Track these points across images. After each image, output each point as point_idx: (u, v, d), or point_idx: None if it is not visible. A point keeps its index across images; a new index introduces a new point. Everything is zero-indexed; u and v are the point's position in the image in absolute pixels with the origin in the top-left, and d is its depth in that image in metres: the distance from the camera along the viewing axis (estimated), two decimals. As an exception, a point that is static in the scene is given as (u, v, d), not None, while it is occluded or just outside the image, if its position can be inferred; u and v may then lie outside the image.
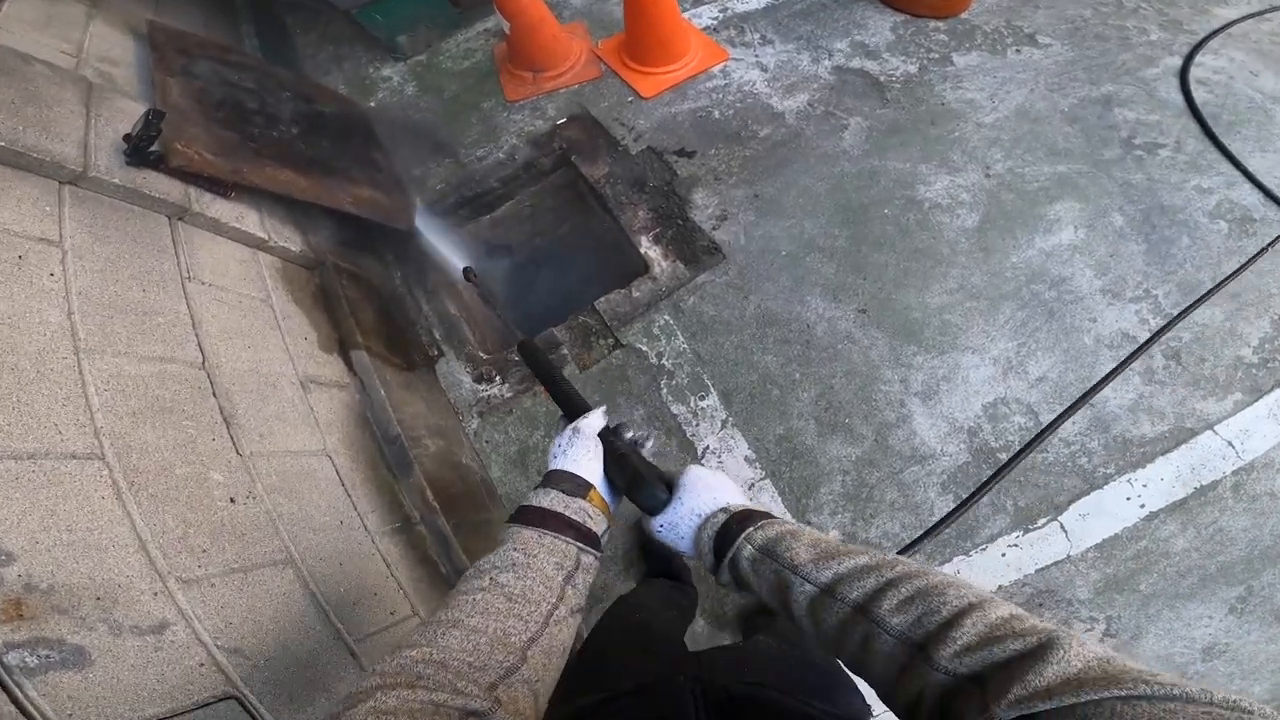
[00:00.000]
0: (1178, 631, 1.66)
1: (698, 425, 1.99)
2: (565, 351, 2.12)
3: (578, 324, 2.17)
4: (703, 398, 2.01)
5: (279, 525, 1.23)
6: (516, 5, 2.41)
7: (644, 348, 2.09)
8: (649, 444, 0.80)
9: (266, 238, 1.72)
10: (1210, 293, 1.99)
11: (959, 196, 2.22)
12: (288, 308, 1.67)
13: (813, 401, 1.95)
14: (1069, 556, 1.72)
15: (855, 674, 0.55)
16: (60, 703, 0.78)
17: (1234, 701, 0.33)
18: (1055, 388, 1.88)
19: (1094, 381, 1.87)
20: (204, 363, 1.29)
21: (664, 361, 2.07)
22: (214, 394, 1.26)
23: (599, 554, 0.67)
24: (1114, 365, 1.89)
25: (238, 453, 1.24)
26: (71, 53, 1.69)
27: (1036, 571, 1.72)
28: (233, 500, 1.17)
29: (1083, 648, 0.40)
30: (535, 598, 0.58)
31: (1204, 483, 1.75)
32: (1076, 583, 1.71)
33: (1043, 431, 1.81)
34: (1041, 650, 0.40)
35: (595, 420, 0.77)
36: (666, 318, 2.12)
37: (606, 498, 0.72)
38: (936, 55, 2.60)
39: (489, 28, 2.96)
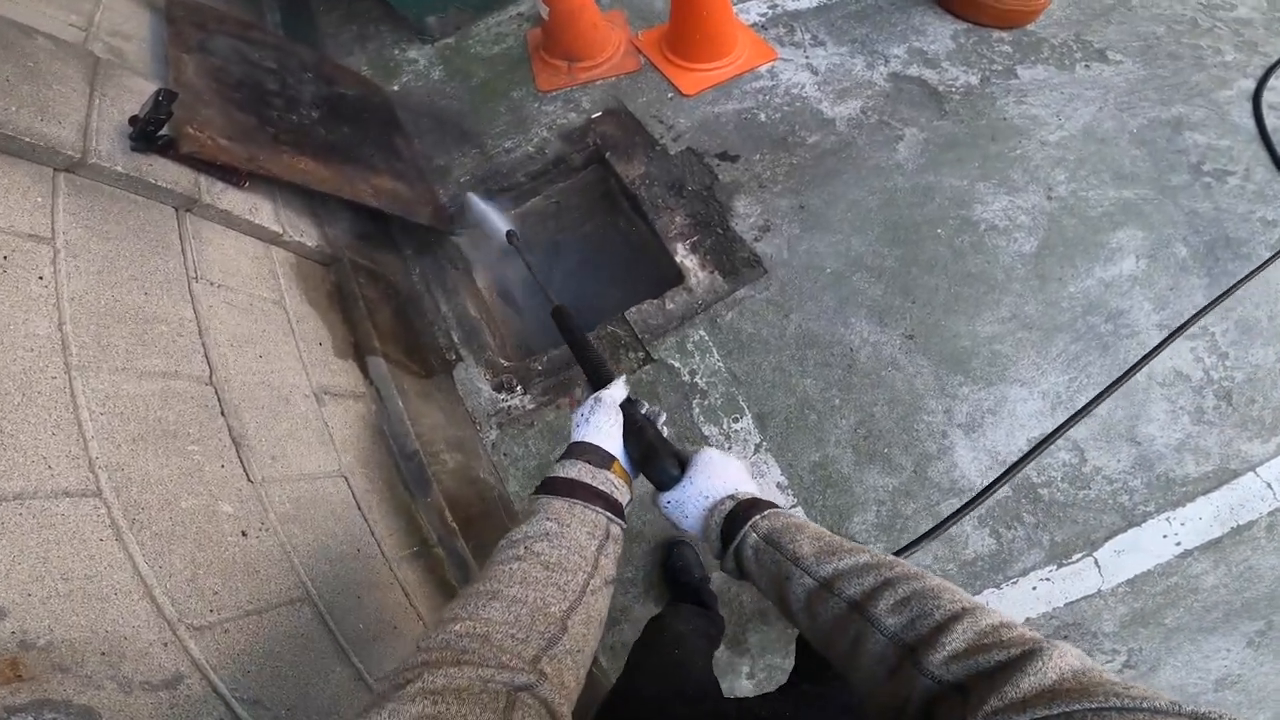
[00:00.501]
0: (1195, 663, 1.69)
1: (729, 447, 1.92)
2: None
3: (606, 334, 2.08)
4: (736, 420, 1.94)
5: (294, 559, 1.15)
6: (555, -10, 2.29)
7: (676, 364, 2.00)
8: (661, 418, 0.82)
9: (281, 231, 1.62)
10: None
11: (1017, 219, 2.13)
12: (302, 309, 1.57)
13: (851, 429, 1.89)
14: (1099, 591, 1.73)
15: (844, 672, 0.55)
16: None
17: (1204, 714, 0.34)
18: (1104, 425, 1.84)
19: (1139, 420, 1.86)
20: (211, 376, 1.18)
21: (697, 379, 1.99)
22: (222, 412, 1.16)
23: (625, 525, 0.68)
24: (1166, 406, 1.87)
25: (249, 479, 1.15)
26: (81, 26, 1.57)
27: (1066, 605, 1.73)
28: (244, 534, 1.08)
29: (1061, 659, 0.40)
30: (571, 566, 0.58)
31: (1240, 523, 1.76)
32: (1104, 616, 1.72)
33: (1036, 447, 1.70)
34: (1021, 661, 0.41)
35: (617, 391, 0.79)
36: (702, 333, 2.03)
37: (627, 470, 0.74)
38: (1000, 67, 2.50)
39: (523, 11, 2.85)
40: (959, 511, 1.54)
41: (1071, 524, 1.76)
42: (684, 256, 2.13)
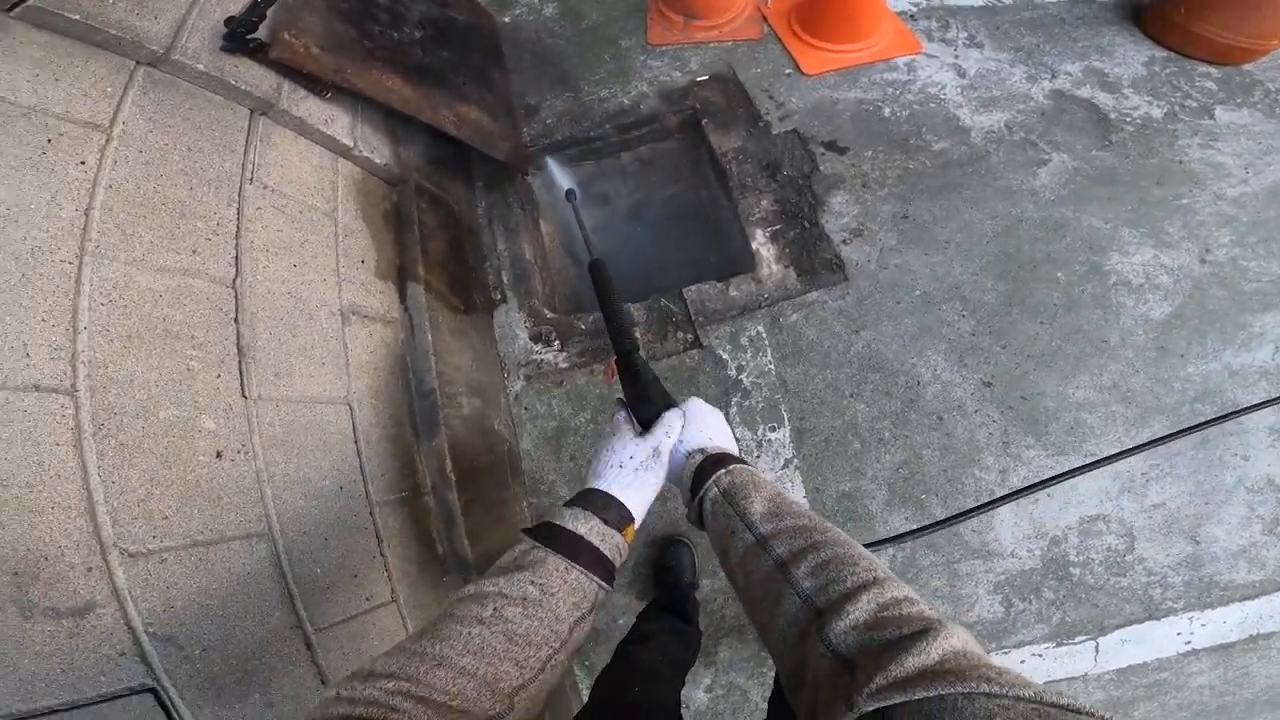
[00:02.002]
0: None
1: (758, 457, 1.89)
2: (637, 334, 2.02)
3: (659, 307, 2.06)
4: (773, 429, 1.90)
5: (266, 489, 1.14)
6: (691, -63, 2.23)
7: (725, 355, 1.97)
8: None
9: (353, 145, 1.68)
10: None
11: (1157, 278, 1.93)
12: (353, 224, 1.63)
13: (893, 467, 1.82)
14: (1085, 675, 1.73)
15: (763, 636, 0.57)
16: None
17: (1067, 703, 0.37)
18: (1167, 518, 1.77)
19: (1208, 520, 1.80)
20: (235, 279, 1.22)
21: (743, 377, 1.95)
22: (235, 319, 1.19)
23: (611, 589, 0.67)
24: (1243, 512, 1.79)
25: (243, 394, 1.15)
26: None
27: (1045, 682, 1.65)
28: (219, 455, 1.07)
29: (947, 640, 0.43)
30: (539, 640, 0.56)
31: (1261, 631, 1.74)
32: (1078, 699, 1.61)
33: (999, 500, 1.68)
34: (910, 640, 0.43)
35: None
36: (760, 329, 1.98)
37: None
38: (1195, 104, 2.24)
39: (649, -43, 2.78)
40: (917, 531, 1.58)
41: (1090, 607, 1.73)
42: (761, 244, 2.07)
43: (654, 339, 2.02)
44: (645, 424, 0.77)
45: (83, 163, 1.03)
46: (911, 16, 2.51)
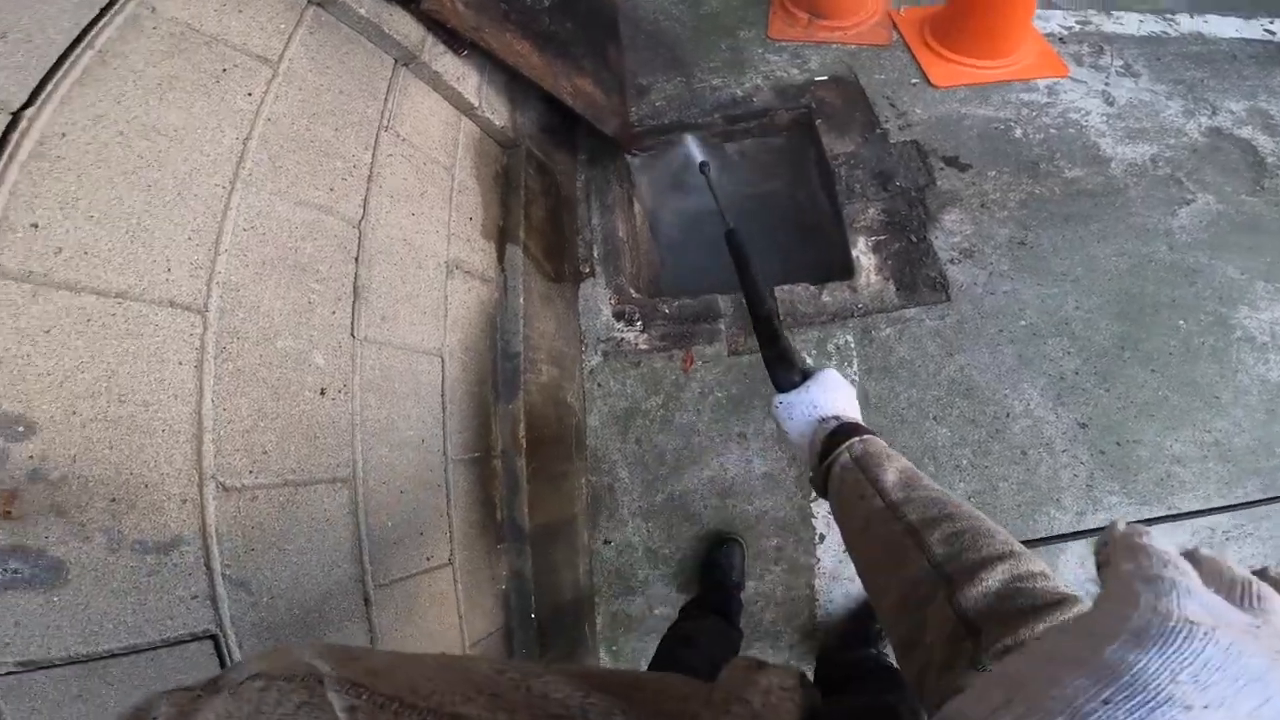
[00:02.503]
0: None
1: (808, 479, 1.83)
2: (721, 326, 2.00)
3: (746, 301, 2.00)
4: None
5: (358, 433, 1.14)
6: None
7: (809, 359, 1.89)
8: None
9: (477, 105, 1.72)
10: None
11: None
12: (467, 181, 1.68)
13: (966, 494, 1.77)
14: None
15: (876, 599, 0.58)
16: (1, 629, 0.69)
17: None
18: None
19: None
20: (361, 220, 1.27)
21: (823, 384, 1.87)
22: (356, 258, 1.22)
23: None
24: None
25: (352, 334, 1.17)
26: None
27: None
28: (322, 392, 1.08)
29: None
30: None
31: None
32: None
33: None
34: (1045, 608, 0.43)
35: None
36: (849, 339, 1.93)
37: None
38: (1362, 158, 2.03)
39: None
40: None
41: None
42: (862, 253, 2.00)
43: (739, 333, 2.00)
44: (780, 386, 0.80)
45: (249, 94, 1.08)
46: (1061, 40, 2.40)
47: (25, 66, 0.79)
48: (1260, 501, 1.66)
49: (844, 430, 0.70)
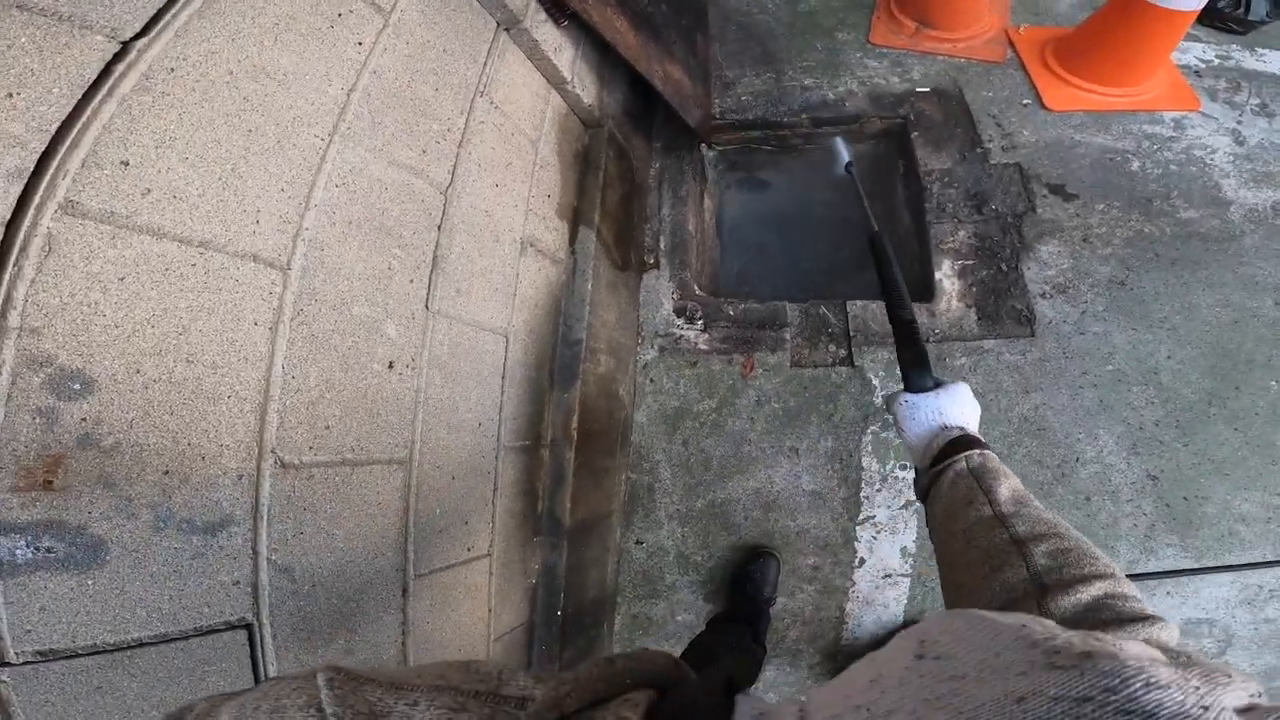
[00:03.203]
0: None
1: (878, 490, 1.78)
2: (787, 335, 1.90)
3: (816, 314, 1.91)
4: (904, 467, 1.78)
5: (419, 412, 1.08)
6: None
7: (874, 380, 1.82)
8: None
9: (568, 79, 1.63)
10: None
11: None
12: (550, 157, 1.59)
13: None
14: None
15: (958, 593, 0.59)
16: (24, 613, 0.61)
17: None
18: (1273, 633, 1.67)
19: None
20: (449, 186, 1.18)
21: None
22: (439, 226, 1.14)
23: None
24: None
25: (426, 306, 1.10)
26: None
27: None
28: (391, 365, 1.01)
29: (1164, 631, 0.43)
30: None
31: None
32: None
33: None
34: (1129, 622, 0.44)
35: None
36: (920, 364, 1.78)
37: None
38: None
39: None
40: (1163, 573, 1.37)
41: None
42: (946, 276, 1.87)
43: (803, 344, 1.88)
44: (911, 386, 0.81)
45: (360, 43, 1.00)
46: (1197, 73, 2.21)
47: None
48: None
49: (965, 441, 0.71)
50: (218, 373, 0.75)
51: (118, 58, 0.67)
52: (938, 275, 1.86)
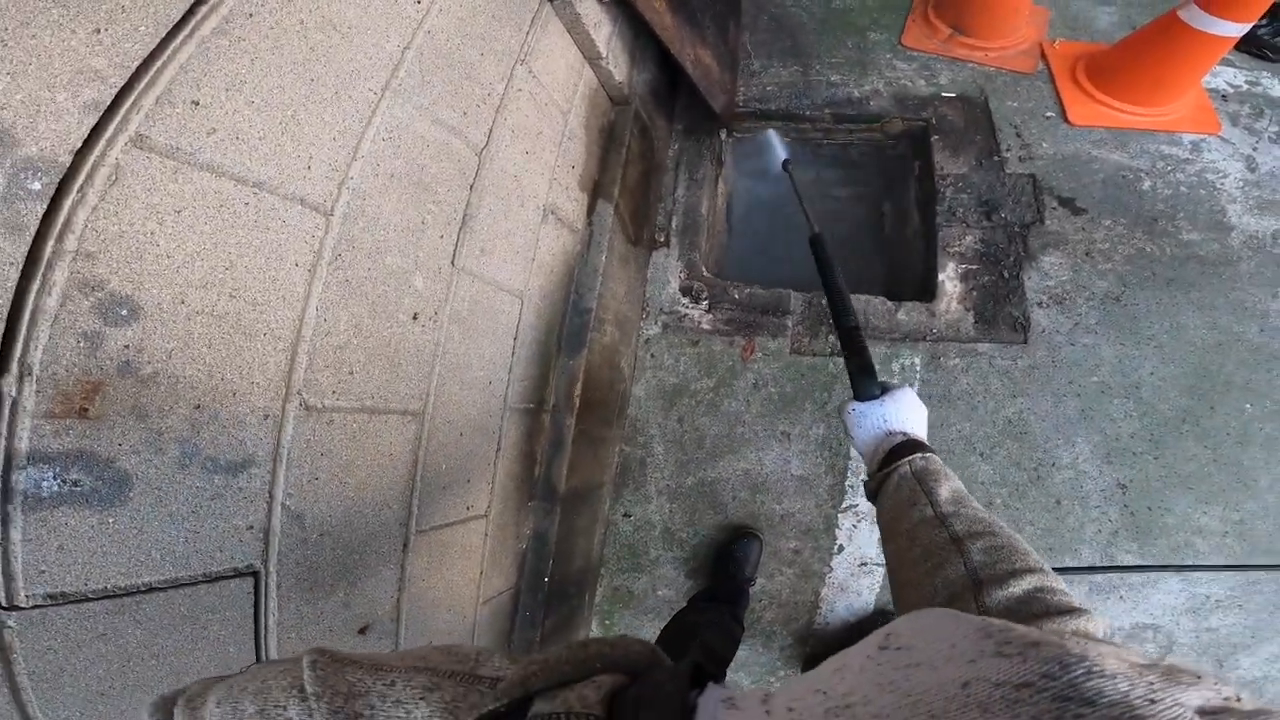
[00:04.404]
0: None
1: (862, 480, 1.76)
2: (789, 323, 1.92)
3: (818, 304, 1.95)
4: None
5: (436, 365, 1.08)
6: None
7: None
8: None
9: (603, 55, 1.62)
10: None
11: None
12: (577, 130, 1.59)
13: None
14: None
15: (902, 589, 0.62)
16: (41, 552, 0.60)
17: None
18: (1212, 641, 1.73)
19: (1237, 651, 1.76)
20: (484, 149, 1.19)
21: (880, 401, 1.79)
22: (471, 185, 1.15)
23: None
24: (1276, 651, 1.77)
25: (452, 262, 1.11)
26: None
27: None
28: (415, 317, 1.02)
29: (1089, 623, 0.44)
30: None
31: None
32: None
33: None
34: (1057, 614, 0.45)
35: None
36: (915, 361, 1.84)
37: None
38: None
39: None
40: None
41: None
42: (949, 278, 1.89)
43: (805, 333, 1.91)
44: (858, 394, 0.82)
45: (419, 3, 1.00)
46: (1223, 96, 2.22)
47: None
48: (1244, 567, 1.70)
49: (909, 445, 0.73)
50: (257, 309, 0.75)
51: (200, 2, 0.67)
52: (941, 276, 1.88)
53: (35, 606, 0.60)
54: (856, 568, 1.79)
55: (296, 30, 0.79)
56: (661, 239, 2.05)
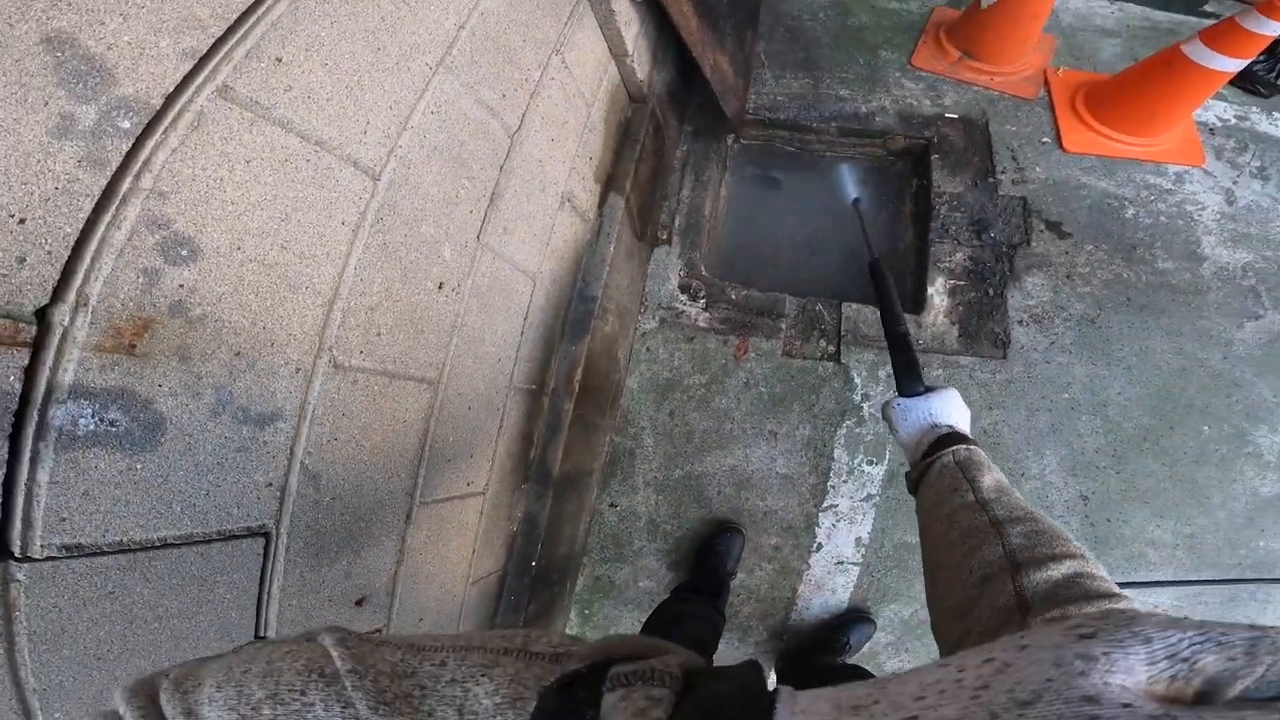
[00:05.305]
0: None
1: (843, 481, 1.87)
2: (782, 325, 1.98)
3: (812, 310, 2.00)
4: (871, 463, 1.87)
5: (454, 336, 1.12)
6: (1024, -11, 2.11)
7: (857, 379, 1.92)
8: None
9: (629, 53, 1.67)
10: None
11: None
12: (598, 123, 1.64)
13: None
14: None
15: (934, 573, 0.63)
16: (65, 498, 0.58)
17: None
18: None
19: None
20: (516, 132, 1.23)
21: (864, 406, 1.90)
22: (501, 166, 1.20)
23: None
24: None
25: (478, 237, 1.16)
26: None
27: None
28: (440, 287, 1.06)
29: (1128, 605, 0.44)
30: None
31: None
32: None
33: None
34: (1096, 597, 0.45)
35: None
36: (900, 369, 1.88)
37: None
38: None
39: (944, -14, 2.65)
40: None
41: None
42: (937, 292, 1.97)
43: (796, 336, 1.97)
44: (904, 390, 0.86)
45: None
46: (1211, 130, 2.32)
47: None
48: (1193, 582, 1.79)
49: (953, 437, 0.75)
50: (303, 262, 0.77)
51: None
52: (929, 290, 1.95)
53: (49, 558, 0.58)
54: (833, 566, 1.84)
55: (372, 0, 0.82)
56: (664, 236, 2.10)
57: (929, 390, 0.84)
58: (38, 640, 0.59)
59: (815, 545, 1.84)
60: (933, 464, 0.72)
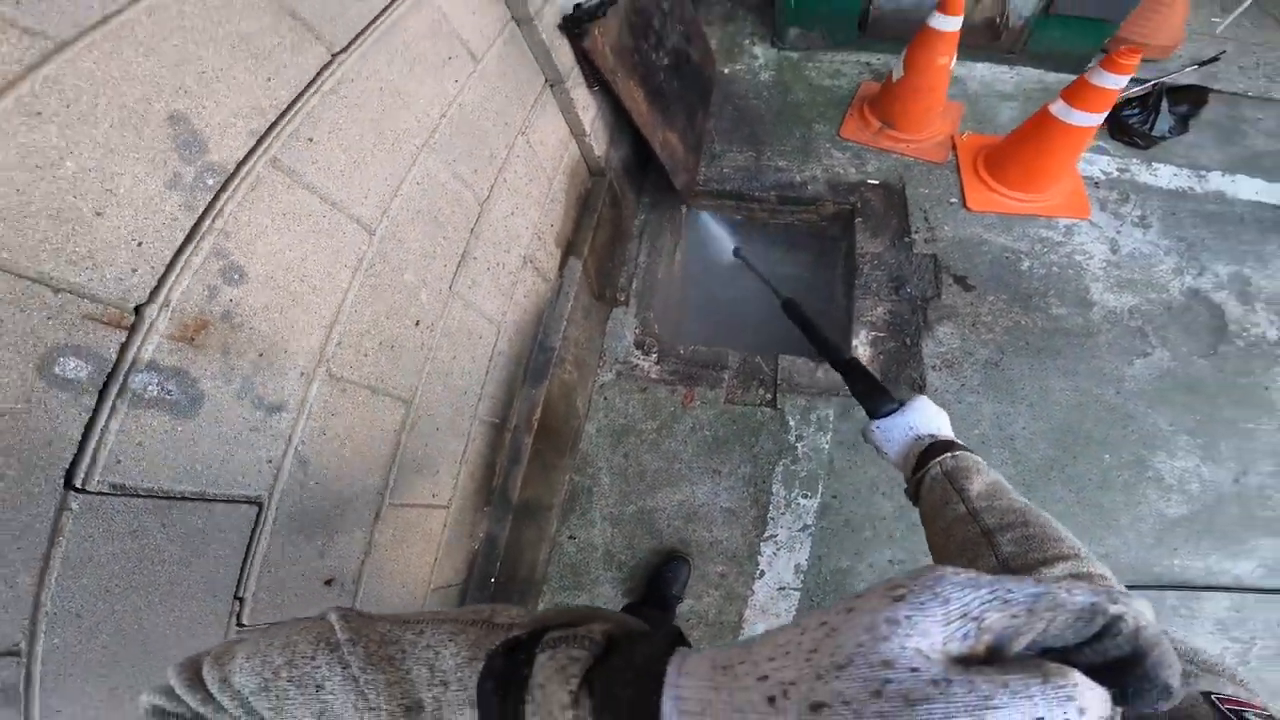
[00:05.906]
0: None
1: (781, 514, 2.10)
2: (725, 376, 2.28)
3: (752, 362, 2.31)
4: (806, 496, 2.11)
5: (427, 365, 1.37)
6: (924, 63, 2.45)
7: (792, 423, 2.20)
8: None
9: (587, 133, 2.05)
10: None
11: (1187, 485, 2.10)
12: (559, 195, 1.99)
13: (890, 561, 2.03)
14: None
15: None
16: (125, 444, 0.78)
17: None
18: None
19: None
20: (486, 200, 1.57)
21: (799, 446, 2.17)
22: (472, 229, 1.51)
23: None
24: None
25: (450, 287, 1.44)
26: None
27: None
28: (417, 324, 1.33)
29: (1128, 607, 0.46)
30: None
31: None
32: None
33: None
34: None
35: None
36: (830, 413, 2.21)
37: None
38: (1315, 339, 2.31)
39: (871, 63, 3.09)
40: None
41: None
42: (861, 344, 2.31)
43: (738, 385, 2.28)
44: (876, 413, 0.88)
45: (456, 81, 1.42)
46: (1096, 184, 2.60)
47: (349, 17, 1.10)
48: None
49: (939, 446, 0.77)
50: (315, 293, 1.05)
51: (327, 65, 1.05)
52: (854, 342, 2.28)
53: (100, 493, 0.76)
54: (776, 591, 2.02)
55: (377, 93, 1.17)
56: (622, 298, 2.42)
57: (901, 405, 0.87)
58: (69, 564, 0.75)
59: (758, 572, 2.04)
60: (923, 478, 0.75)
